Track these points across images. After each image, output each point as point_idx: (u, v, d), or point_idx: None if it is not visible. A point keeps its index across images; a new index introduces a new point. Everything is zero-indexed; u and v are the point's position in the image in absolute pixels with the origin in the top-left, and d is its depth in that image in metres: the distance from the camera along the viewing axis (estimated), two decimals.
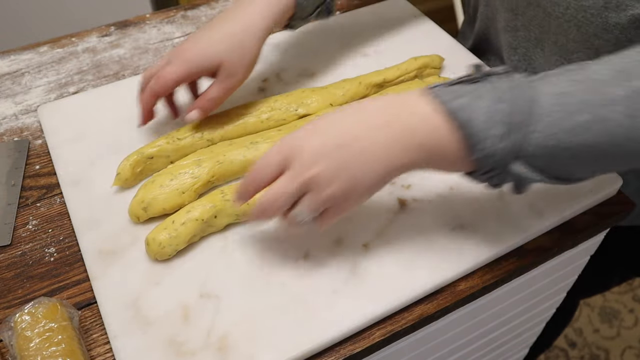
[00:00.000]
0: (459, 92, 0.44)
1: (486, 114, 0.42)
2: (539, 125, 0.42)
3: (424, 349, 0.62)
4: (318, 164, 0.44)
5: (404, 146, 0.44)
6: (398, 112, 0.45)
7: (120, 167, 0.58)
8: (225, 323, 0.49)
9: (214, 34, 0.58)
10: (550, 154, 0.43)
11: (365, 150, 0.44)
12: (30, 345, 0.45)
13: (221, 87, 0.58)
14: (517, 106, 0.42)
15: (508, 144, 0.42)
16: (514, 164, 0.44)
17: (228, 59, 0.57)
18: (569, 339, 1.46)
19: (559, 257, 0.62)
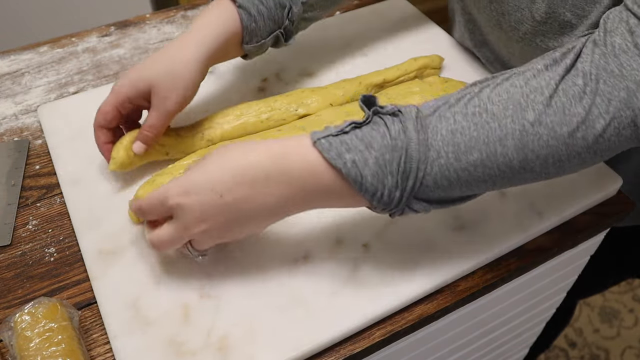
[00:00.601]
0: (348, 144, 0.43)
1: (376, 166, 0.42)
2: (432, 168, 0.42)
3: (424, 349, 0.62)
4: (204, 222, 0.45)
5: (291, 198, 0.45)
6: (283, 165, 0.44)
7: (114, 151, 0.57)
8: (225, 323, 0.49)
9: (147, 61, 0.57)
10: (445, 190, 0.44)
11: (249, 209, 0.45)
12: (30, 345, 0.45)
13: (156, 114, 0.56)
14: (409, 153, 0.42)
15: (401, 192, 0.43)
16: (412, 202, 0.44)
17: (157, 83, 0.55)
18: (569, 339, 1.46)
19: (559, 257, 0.62)
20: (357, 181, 0.42)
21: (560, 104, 0.41)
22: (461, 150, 0.42)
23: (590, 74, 0.42)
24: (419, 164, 0.42)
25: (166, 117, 0.56)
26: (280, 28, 0.62)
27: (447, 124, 0.43)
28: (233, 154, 0.46)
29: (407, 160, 0.42)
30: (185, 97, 0.57)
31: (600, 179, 0.60)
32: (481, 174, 0.43)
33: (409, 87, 0.67)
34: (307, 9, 0.64)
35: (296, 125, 0.62)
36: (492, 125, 0.42)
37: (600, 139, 0.42)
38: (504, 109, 0.42)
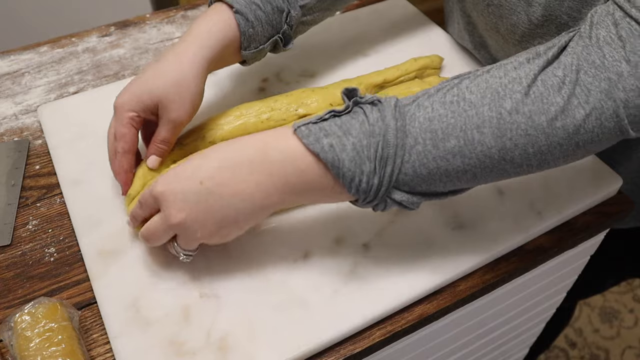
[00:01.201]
0: (327, 130, 0.43)
1: (353, 152, 0.42)
2: (411, 156, 0.42)
3: (424, 349, 0.62)
4: (184, 211, 0.45)
5: (272, 187, 0.44)
6: (265, 154, 0.44)
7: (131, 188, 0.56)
8: (225, 323, 0.49)
9: (149, 73, 0.55)
10: (425, 179, 0.43)
11: (230, 196, 0.45)
12: (30, 346, 0.45)
13: (168, 125, 0.55)
14: (386, 139, 0.42)
15: (380, 179, 0.43)
16: (392, 192, 0.44)
17: (164, 97, 0.54)
18: (569, 339, 1.46)
19: (559, 257, 0.62)
20: (334, 165, 0.42)
21: (538, 93, 0.41)
22: (439, 137, 0.42)
23: (571, 65, 0.42)
24: (397, 150, 0.42)
25: (178, 128, 0.56)
26: (278, 33, 0.61)
27: (424, 111, 0.43)
28: (218, 146, 0.47)
29: (384, 145, 0.42)
30: (194, 106, 0.56)
31: (600, 179, 0.60)
32: (460, 164, 0.42)
33: (409, 87, 0.67)
34: (306, 13, 0.63)
35: None
36: (469, 113, 0.42)
37: (582, 130, 0.41)
38: (482, 98, 0.42)
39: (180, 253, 0.49)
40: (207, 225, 0.46)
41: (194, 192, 0.45)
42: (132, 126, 0.55)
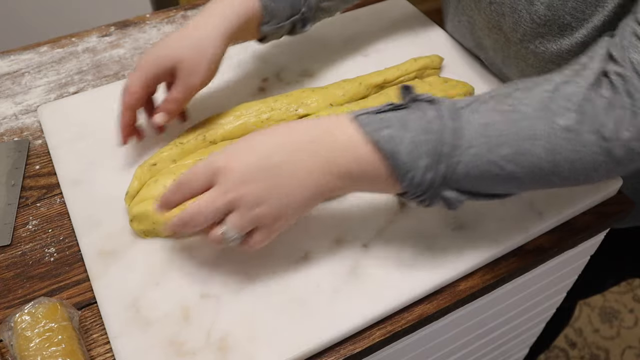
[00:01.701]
0: (386, 121, 0.44)
1: (411, 145, 0.43)
2: (464, 156, 0.43)
3: (424, 349, 0.62)
4: (245, 185, 0.44)
5: (329, 173, 0.45)
6: (325, 139, 0.45)
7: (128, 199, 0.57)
8: (225, 323, 0.49)
9: (171, 38, 0.57)
10: (475, 181, 0.45)
11: (291, 174, 0.45)
12: (30, 346, 0.45)
13: (181, 88, 0.57)
14: (443, 137, 0.43)
15: (434, 175, 0.44)
16: (442, 190, 0.45)
17: (185, 58, 0.56)
18: (569, 339, 1.46)
19: (559, 257, 0.62)
20: (392, 156, 0.43)
21: (589, 113, 0.42)
22: (493, 143, 0.43)
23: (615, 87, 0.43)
24: (452, 150, 0.43)
25: (190, 91, 0.58)
26: (298, 14, 0.63)
27: (479, 117, 0.44)
28: (279, 126, 0.47)
29: (441, 144, 0.43)
30: (210, 71, 0.58)
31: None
32: (511, 171, 0.44)
33: None
34: None
35: None
36: (522, 124, 0.43)
37: (627, 150, 0.43)
38: (535, 111, 0.43)
39: (229, 235, 0.46)
40: (265, 202, 0.45)
41: (256, 168, 0.44)
42: (144, 86, 0.57)
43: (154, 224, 0.53)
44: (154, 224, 0.53)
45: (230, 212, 0.45)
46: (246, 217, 0.45)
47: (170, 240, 0.55)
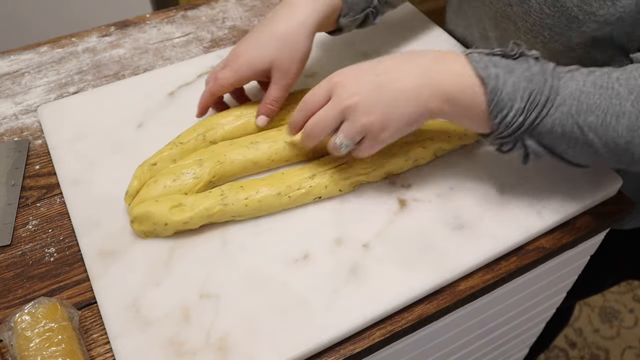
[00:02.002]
0: (494, 62, 0.49)
1: (512, 87, 0.48)
2: (554, 112, 0.48)
3: (424, 349, 0.62)
4: (357, 95, 0.50)
5: (435, 95, 0.50)
6: (437, 65, 0.50)
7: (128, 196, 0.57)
8: (225, 323, 0.49)
9: (262, 37, 0.59)
10: (556, 139, 0.49)
11: (400, 90, 0.50)
12: (30, 346, 0.45)
13: (278, 87, 0.60)
14: (541, 89, 0.47)
15: (524, 120, 0.48)
16: (525, 137, 0.50)
17: (278, 59, 0.58)
18: (569, 339, 1.46)
19: (559, 257, 0.62)
20: (493, 92, 0.48)
21: None
22: (582, 109, 0.47)
23: None
24: (546, 102, 0.48)
25: (288, 88, 0.60)
26: (371, 6, 0.65)
27: (577, 84, 0.48)
28: (394, 55, 0.53)
29: (538, 94, 0.47)
30: (302, 66, 0.60)
31: (600, 179, 0.60)
32: (590, 139, 0.47)
33: None
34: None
35: None
36: (614, 101, 0.46)
37: None
38: (628, 93, 0.46)
39: (342, 142, 0.52)
40: (373, 112, 0.50)
41: (369, 82, 0.50)
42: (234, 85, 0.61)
43: (155, 224, 0.53)
44: (155, 225, 0.53)
45: (343, 122, 0.51)
46: (355, 126, 0.51)
47: (170, 241, 0.55)
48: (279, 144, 0.60)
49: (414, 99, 0.50)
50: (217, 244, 0.55)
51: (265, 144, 0.59)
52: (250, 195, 0.55)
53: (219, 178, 0.58)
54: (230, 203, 0.54)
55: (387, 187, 0.60)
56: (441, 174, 0.61)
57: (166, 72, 0.73)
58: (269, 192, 0.56)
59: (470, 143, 0.62)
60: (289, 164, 0.61)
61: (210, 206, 0.54)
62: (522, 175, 0.60)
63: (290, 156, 0.60)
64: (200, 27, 0.84)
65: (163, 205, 0.53)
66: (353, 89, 0.50)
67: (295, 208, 0.57)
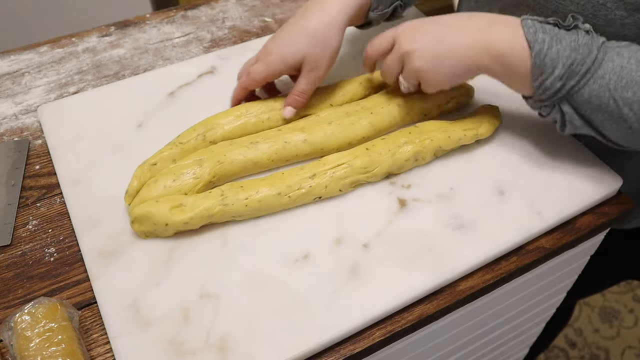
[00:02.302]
0: (545, 30, 0.52)
1: (556, 54, 0.51)
2: (593, 83, 0.50)
3: (424, 349, 0.62)
4: (415, 43, 0.56)
5: (485, 51, 0.54)
6: (493, 26, 0.54)
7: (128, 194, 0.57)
8: (225, 323, 0.49)
9: (295, 32, 0.60)
10: (592, 109, 0.51)
11: (454, 43, 0.55)
12: (30, 346, 0.45)
13: (307, 80, 0.61)
14: (584, 60, 0.50)
15: (562, 85, 0.51)
16: (563, 103, 0.53)
17: (310, 54, 0.59)
18: (569, 339, 1.46)
19: (559, 257, 0.62)
20: (538, 55, 0.51)
21: None
22: (621, 84, 0.49)
23: None
24: (586, 72, 0.50)
25: (317, 82, 0.62)
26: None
27: (621, 60, 0.50)
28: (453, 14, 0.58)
29: (579, 64, 0.50)
30: (333, 61, 0.62)
31: (600, 179, 0.60)
32: (625, 114, 0.50)
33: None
34: None
35: (296, 125, 0.62)
36: None
37: None
38: None
39: (402, 83, 0.60)
40: (425, 58, 0.56)
41: (427, 32, 0.56)
42: (265, 79, 0.62)
43: (155, 225, 0.53)
44: (155, 225, 0.53)
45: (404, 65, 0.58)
46: (410, 70, 0.57)
47: (170, 241, 0.55)
48: (279, 144, 0.60)
49: (466, 53, 0.54)
50: (217, 244, 0.55)
51: (265, 144, 0.59)
52: (250, 195, 0.55)
53: (219, 178, 0.58)
54: (230, 203, 0.54)
55: (387, 187, 0.60)
56: (441, 174, 0.61)
57: (166, 72, 0.73)
58: (269, 192, 0.56)
59: (470, 143, 0.62)
60: (289, 164, 0.61)
61: (211, 206, 0.54)
62: (522, 175, 0.60)
63: (290, 156, 0.60)
64: (200, 27, 0.84)
65: (163, 206, 0.53)
66: (412, 38, 0.56)
67: (295, 208, 0.57)
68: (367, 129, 0.62)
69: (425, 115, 0.66)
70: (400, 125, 0.65)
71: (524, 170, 0.61)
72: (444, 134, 0.61)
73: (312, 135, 0.60)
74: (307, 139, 0.60)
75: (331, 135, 0.61)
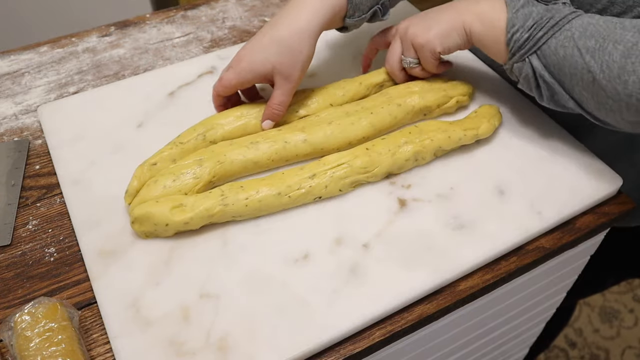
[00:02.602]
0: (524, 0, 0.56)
1: (529, 11, 0.55)
2: (560, 34, 0.53)
3: (424, 349, 0.62)
4: (409, 22, 0.64)
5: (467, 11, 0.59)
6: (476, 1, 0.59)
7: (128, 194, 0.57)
8: (225, 323, 0.49)
9: (264, 41, 0.59)
10: (558, 62, 0.53)
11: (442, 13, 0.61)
12: (30, 346, 0.45)
13: (281, 92, 0.60)
14: (553, 16, 0.53)
15: (530, 34, 0.54)
16: (532, 56, 0.55)
17: (278, 63, 0.59)
18: (569, 339, 1.46)
19: (559, 257, 0.62)
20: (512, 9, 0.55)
21: None
22: (585, 35, 0.52)
23: None
24: (554, 26, 0.53)
25: (291, 92, 0.61)
26: (378, 3, 0.65)
27: (590, 19, 0.53)
28: None
29: (549, 19, 0.54)
30: (304, 70, 0.61)
31: (600, 179, 0.60)
32: (587, 61, 0.51)
33: (408, 87, 0.67)
34: None
35: (297, 125, 0.62)
36: (617, 31, 0.50)
37: None
38: (633, 27, 0.50)
39: (405, 60, 0.65)
40: (417, 28, 0.62)
41: (419, 16, 0.63)
42: (236, 87, 0.62)
43: (156, 225, 0.53)
44: (156, 225, 0.53)
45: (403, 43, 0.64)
46: (407, 43, 0.63)
47: (170, 241, 0.55)
48: (279, 144, 0.60)
49: (451, 16, 0.60)
50: (217, 244, 0.55)
51: (265, 144, 0.59)
52: (250, 195, 0.55)
53: (219, 178, 0.58)
54: (230, 203, 0.54)
55: (387, 187, 0.60)
56: (441, 174, 0.61)
57: (166, 72, 0.73)
58: (269, 192, 0.56)
59: (470, 143, 0.62)
60: (289, 164, 0.61)
61: (211, 206, 0.54)
62: (522, 176, 0.60)
63: (290, 156, 0.60)
64: (200, 27, 0.84)
65: (164, 206, 0.53)
66: (409, 21, 0.63)
67: (295, 208, 0.57)
68: (367, 129, 0.62)
69: (425, 115, 0.66)
70: (400, 125, 0.65)
71: (524, 170, 0.61)
72: (444, 134, 0.61)
73: (312, 135, 0.60)
74: (307, 139, 0.60)
75: (331, 135, 0.61)
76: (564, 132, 0.65)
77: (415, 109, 0.65)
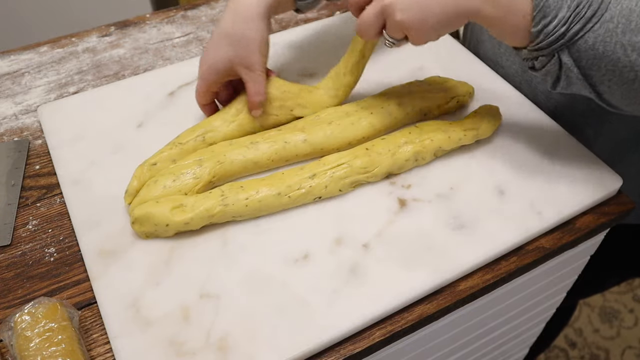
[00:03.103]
0: None
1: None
2: (600, 27, 0.45)
3: (424, 349, 0.62)
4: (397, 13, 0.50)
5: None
6: None
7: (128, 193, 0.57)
8: (225, 323, 0.49)
9: (214, 39, 0.59)
10: (595, 59, 0.46)
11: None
12: (30, 346, 0.45)
13: (251, 83, 0.59)
14: (589, 3, 0.45)
15: (566, 30, 0.46)
16: (563, 52, 0.47)
17: (234, 56, 0.58)
18: (569, 339, 1.46)
19: (559, 257, 0.62)
20: None
21: None
22: (630, 28, 0.44)
23: None
24: (593, 16, 0.45)
25: (262, 77, 0.60)
26: None
27: (630, 2, 0.45)
28: None
29: (585, 6, 0.45)
30: (264, 53, 0.60)
31: (600, 178, 0.60)
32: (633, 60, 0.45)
33: (408, 87, 0.67)
34: None
35: (296, 125, 0.62)
36: None
37: None
38: None
39: (385, 39, 0.55)
40: (410, 9, 0.50)
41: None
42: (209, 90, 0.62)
43: (156, 225, 0.53)
44: (156, 226, 0.53)
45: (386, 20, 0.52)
46: (393, 24, 0.52)
47: (170, 241, 0.55)
48: (279, 144, 0.60)
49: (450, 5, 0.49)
50: (217, 244, 0.55)
51: (265, 144, 0.59)
52: (250, 195, 0.55)
53: (219, 178, 0.58)
54: (230, 203, 0.54)
55: (387, 187, 0.60)
56: (441, 174, 0.61)
57: (166, 72, 0.73)
58: (269, 192, 0.56)
59: (470, 143, 0.62)
60: (289, 164, 0.61)
61: (211, 207, 0.54)
62: (522, 175, 0.60)
63: (290, 156, 0.60)
64: (200, 27, 0.84)
65: (164, 206, 0.53)
66: None
67: (295, 208, 0.57)
68: (367, 129, 0.62)
69: (425, 115, 0.66)
70: (400, 125, 0.65)
71: (524, 170, 0.61)
72: (444, 134, 0.61)
73: (312, 135, 0.60)
74: (307, 139, 0.60)
75: (331, 135, 0.61)
76: (564, 132, 0.65)
77: (415, 109, 0.65)
